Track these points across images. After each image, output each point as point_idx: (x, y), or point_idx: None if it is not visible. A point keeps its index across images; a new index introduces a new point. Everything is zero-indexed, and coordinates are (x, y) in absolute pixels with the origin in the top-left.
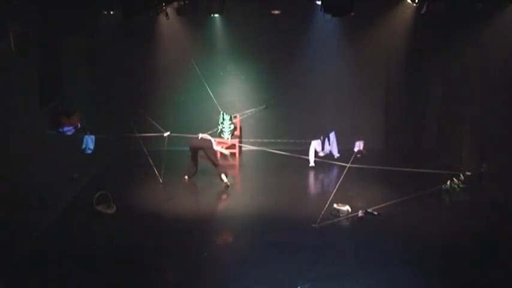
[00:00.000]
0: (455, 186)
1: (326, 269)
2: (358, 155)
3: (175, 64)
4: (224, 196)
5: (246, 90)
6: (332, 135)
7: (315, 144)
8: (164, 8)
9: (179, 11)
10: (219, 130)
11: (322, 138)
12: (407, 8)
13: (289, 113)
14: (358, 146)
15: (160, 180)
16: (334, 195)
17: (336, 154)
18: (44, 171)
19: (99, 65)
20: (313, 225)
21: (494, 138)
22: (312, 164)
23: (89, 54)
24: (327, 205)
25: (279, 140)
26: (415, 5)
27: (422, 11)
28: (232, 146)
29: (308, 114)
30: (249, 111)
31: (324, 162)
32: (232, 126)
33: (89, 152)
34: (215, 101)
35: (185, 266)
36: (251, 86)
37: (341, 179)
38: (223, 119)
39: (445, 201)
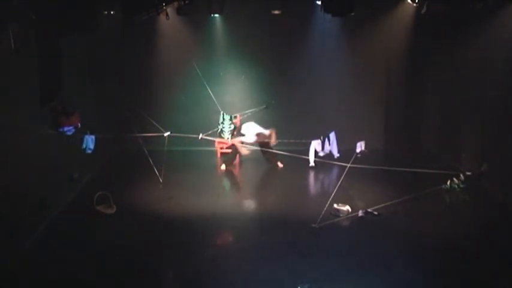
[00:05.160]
0: (455, 186)
1: (326, 269)
2: (359, 155)
3: (175, 64)
4: (224, 196)
5: (246, 90)
6: (332, 135)
7: (315, 144)
8: (164, 8)
9: (179, 11)
10: (219, 130)
11: (322, 138)
12: (407, 8)
13: (289, 113)
14: (360, 146)
15: (161, 180)
16: (334, 195)
17: (336, 154)
18: (44, 171)
19: (99, 65)
20: (313, 225)
21: (494, 138)
22: (312, 163)
23: (89, 54)
24: (327, 205)
25: (279, 140)
26: (415, 5)
27: (422, 11)
28: (232, 146)
29: (308, 114)
30: (249, 111)
31: (324, 162)
32: (232, 126)
33: (89, 151)
34: (215, 101)
35: (185, 266)
36: (251, 86)
37: (341, 179)
38: (223, 119)
39: (445, 201)
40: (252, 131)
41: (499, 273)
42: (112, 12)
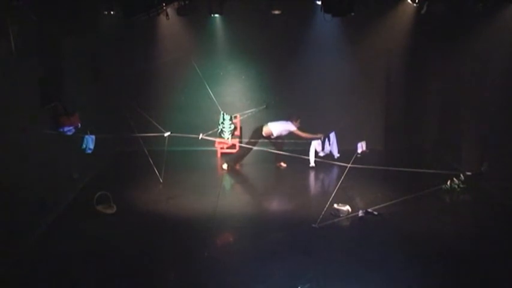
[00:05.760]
0: (456, 186)
1: (326, 269)
2: (359, 155)
3: (175, 64)
4: (224, 196)
5: (246, 90)
6: (332, 136)
7: (315, 144)
8: (164, 8)
9: (179, 11)
10: (219, 130)
11: (322, 138)
12: (407, 8)
13: (289, 113)
14: (361, 147)
15: (161, 181)
16: (334, 195)
17: (336, 154)
18: (44, 171)
19: (99, 65)
20: (313, 225)
21: (494, 138)
22: (312, 164)
23: (89, 54)
24: (327, 205)
25: (279, 140)
26: (415, 5)
27: (422, 11)
28: (233, 146)
29: (308, 115)
30: (249, 111)
31: (324, 162)
32: (232, 126)
33: (89, 151)
34: (215, 101)
35: (185, 266)
36: (251, 86)
37: (341, 179)
38: (224, 119)
39: (445, 201)
40: (287, 125)
41: (499, 273)
42: (112, 12)
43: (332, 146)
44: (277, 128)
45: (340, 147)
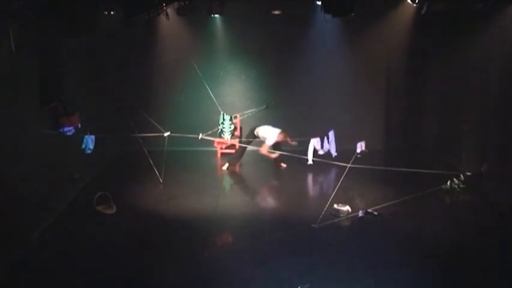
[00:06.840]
0: (456, 186)
1: (326, 269)
2: (359, 155)
3: (175, 64)
4: (224, 196)
5: (246, 91)
6: (331, 134)
7: (314, 142)
8: (164, 8)
9: (179, 11)
10: (219, 130)
11: (321, 137)
12: (407, 8)
13: (289, 113)
14: (360, 147)
15: (161, 181)
16: (334, 195)
17: (334, 153)
18: (44, 171)
19: (99, 65)
20: (313, 225)
21: (494, 138)
22: (310, 162)
23: (89, 54)
24: (327, 205)
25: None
26: (415, 5)
27: (423, 11)
28: (232, 146)
29: (308, 115)
30: (249, 111)
31: (324, 162)
32: (232, 127)
33: (89, 152)
34: (215, 101)
35: (185, 266)
36: (251, 86)
37: (341, 179)
38: (224, 119)
39: (445, 201)
40: (271, 133)
41: (499, 273)
42: (112, 13)
43: (330, 145)
44: (263, 132)
45: (340, 147)
